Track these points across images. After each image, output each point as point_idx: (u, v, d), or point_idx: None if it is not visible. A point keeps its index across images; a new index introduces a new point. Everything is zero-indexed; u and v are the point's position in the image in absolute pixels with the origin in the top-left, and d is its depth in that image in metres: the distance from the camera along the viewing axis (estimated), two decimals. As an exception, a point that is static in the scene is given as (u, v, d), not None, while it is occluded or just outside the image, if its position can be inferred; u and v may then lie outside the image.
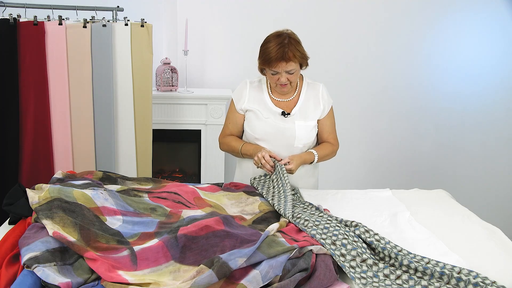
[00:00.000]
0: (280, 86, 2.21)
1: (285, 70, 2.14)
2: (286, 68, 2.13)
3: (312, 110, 2.31)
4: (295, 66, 2.15)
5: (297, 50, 2.13)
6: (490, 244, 1.80)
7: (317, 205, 1.99)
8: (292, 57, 2.11)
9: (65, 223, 1.59)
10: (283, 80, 2.16)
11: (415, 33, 3.78)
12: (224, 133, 2.43)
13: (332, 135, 2.39)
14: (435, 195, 2.34)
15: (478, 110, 3.91)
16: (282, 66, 2.12)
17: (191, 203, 1.95)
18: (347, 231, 1.70)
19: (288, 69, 2.14)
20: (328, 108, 2.34)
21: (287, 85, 2.21)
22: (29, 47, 2.66)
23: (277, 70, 2.14)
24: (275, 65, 2.12)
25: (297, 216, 1.82)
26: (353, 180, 3.92)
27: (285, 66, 2.13)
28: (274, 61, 2.11)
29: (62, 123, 2.77)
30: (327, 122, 2.36)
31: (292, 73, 2.16)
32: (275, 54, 2.10)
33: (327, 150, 2.36)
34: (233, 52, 3.71)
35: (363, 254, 1.60)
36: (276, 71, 2.15)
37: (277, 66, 2.12)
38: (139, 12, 2.97)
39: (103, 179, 2.11)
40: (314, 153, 2.28)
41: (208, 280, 1.37)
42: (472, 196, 3.71)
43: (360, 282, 1.51)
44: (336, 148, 2.41)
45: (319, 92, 2.33)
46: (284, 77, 2.16)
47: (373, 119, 3.92)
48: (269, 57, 2.12)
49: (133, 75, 2.87)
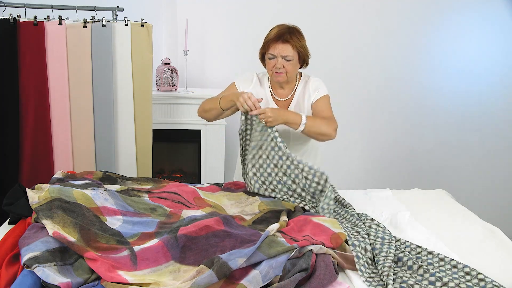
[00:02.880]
0: (275, 74, 2.19)
1: (282, 54, 2.14)
2: (284, 50, 2.13)
3: (307, 105, 2.29)
4: (292, 53, 2.14)
5: (297, 38, 2.15)
6: (490, 244, 1.81)
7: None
8: (289, 40, 2.12)
9: (65, 223, 1.59)
10: (279, 65, 2.15)
11: (415, 32, 3.78)
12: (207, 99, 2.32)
13: (325, 113, 2.21)
14: (435, 195, 2.34)
15: (478, 109, 3.92)
16: (279, 47, 2.13)
17: (191, 203, 1.95)
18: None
19: (284, 53, 2.13)
20: (320, 94, 2.26)
21: (283, 75, 2.18)
22: (29, 47, 2.65)
23: (273, 53, 2.15)
24: (273, 46, 2.14)
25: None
26: (353, 180, 3.92)
27: (283, 48, 2.13)
28: (272, 41, 2.14)
29: (62, 123, 2.77)
30: (320, 103, 2.25)
31: (289, 61, 2.15)
32: (274, 35, 2.15)
33: (318, 119, 2.15)
34: (233, 52, 3.71)
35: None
36: (273, 55, 2.15)
37: (275, 47, 2.14)
38: (139, 12, 2.97)
39: (103, 179, 2.12)
40: (303, 116, 2.07)
41: (208, 280, 1.37)
42: (472, 196, 3.71)
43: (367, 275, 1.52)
44: (332, 123, 2.15)
45: (310, 84, 2.30)
46: (280, 62, 2.15)
47: (373, 118, 3.92)
48: (269, 39, 2.16)
49: (133, 75, 2.87)
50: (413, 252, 1.69)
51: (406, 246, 1.72)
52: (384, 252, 1.62)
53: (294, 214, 1.90)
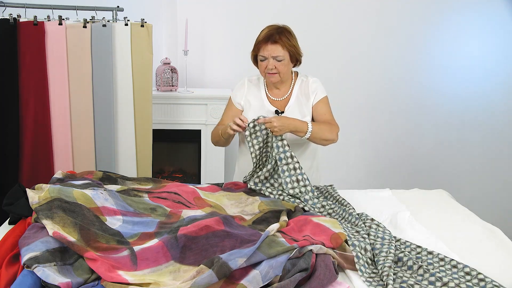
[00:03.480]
0: (268, 75, 2.20)
1: (272, 55, 2.14)
2: (274, 51, 2.14)
3: (305, 105, 2.29)
4: (282, 53, 2.15)
5: (286, 38, 2.15)
6: (490, 244, 1.81)
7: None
8: (279, 40, 2.13)
9: (65, 223, 1.59)
10: (270, 66, 2.16)
11: (415, 33, 3.78)
12: (215, 126, 2.39)
13: (329, 117, 2.27)
14: (435, 195, 2.34)
15: (478, 110, 3.92)
16: (268, 48, 2.14)
17: (191, 203, 1.95)
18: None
19: (274, 54, 2.14)
20: (319, 97, 2.29)
21: (276, 75, 2.20)
22: (29, 47, 2.65)
23: (264, 54, 2.15)
24: (263, 47, 2.15)
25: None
26: (353, 180, 3.92)
27: (272, 49, 2.14)
28: (262, 42, 2.15)
29: (62, 123, 2.77)
30: (320, 106, 2.28)
31: (280, 61, 2.16)
32: (262, 37, 2.16)
33: (322, 125, 2.21)
34: (233, 52, 3.71)
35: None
36: (264, 56, 2.16)
37: (265, 48, 2.15)
38: (139, 12, 2.97)
39: (103, 179, 2.11)
40: (308, 123, 2.12)
41: (208, 280, 1.37)
42: (472, 196, 3.71)
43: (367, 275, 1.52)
44: (334, 128, 2.23)
45: (309, 85, 2.31)
46: (272, 63, 2.16)
47: (373, 119, 3.92)
48: (258, 41, 2.18)
49: (133, 75, 2.87)
50: (413, 252, 1.69)
51: (406, 246, 1.72)
52: (384, 252, 1.62)
53: (294, 214, 1.90)
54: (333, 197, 2.11)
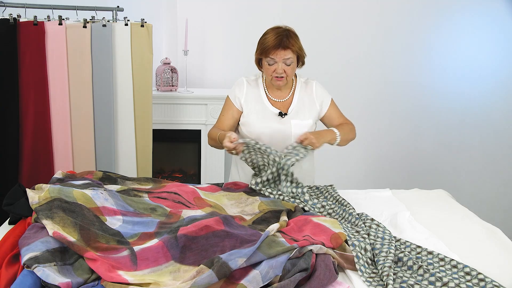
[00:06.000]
0: (276, 79, 2.19)
1: (283, 58, 2.13)
2: (284, 56, 2.13)
3: (308, 109, 2.30)
4: (292, 56, 2.14)
5: (294, 41, 2.14)
6: (490, 244, 1.80)
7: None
8: (290, 45, 2.12)
9: (65, 223, 1.59)
10: (280, 70, 2.15)
11: (415, 33, 3.78)
12: (213, 126, 2.37)
13: (342, 118, 2.35)
14: (435, 195, 2.34)
15: (478, 110, 3.92)
16: (280, 54, 2.12)
17: (191, 203, 1.95)
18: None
19: (286, 56, 2.13)
20: (328, 103, 2.33)
21: (283, 79, 2.19)
22: (29, 47, 2.66)
23: (274, 57, 2.13)
24: (273, 52, 2.12)
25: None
26: (353, 180, 3.92)
27: (283, 54, 2.12)
28: (272, 48, 2.12)
29: (62, 123, 2.77)
30: (331, 111, 2.34)
31: (289, 65, 2.16)
32: (273, 42, 2.12)
33: (344, 127, 2.28)
34: (233, 52, 3.71)
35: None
36: (274, 60, 2.14)
37: (275, 53, 2.12)
38: (139, 12, 2.97)
39: (103, 179, 2.11)
40: (335, 130, 2.20)
41: (208, 280, 1.37)
42: (472, 196, 3.71)
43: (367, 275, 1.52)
44: (352, 126, 2.34)
45: (313, 90, 2.32)
46: (281, 67, 2.15)
47: (373, 119, 3.92)
48: (267, 46, 2.13)
49: (133, 75, 2.87)
50: (413, 252, 1.69)
51: (406, 246, 1.72)
52: (384, 252, 1.62)
53: (294, 214, 1.90)
54: (333, 197, 2.11)
